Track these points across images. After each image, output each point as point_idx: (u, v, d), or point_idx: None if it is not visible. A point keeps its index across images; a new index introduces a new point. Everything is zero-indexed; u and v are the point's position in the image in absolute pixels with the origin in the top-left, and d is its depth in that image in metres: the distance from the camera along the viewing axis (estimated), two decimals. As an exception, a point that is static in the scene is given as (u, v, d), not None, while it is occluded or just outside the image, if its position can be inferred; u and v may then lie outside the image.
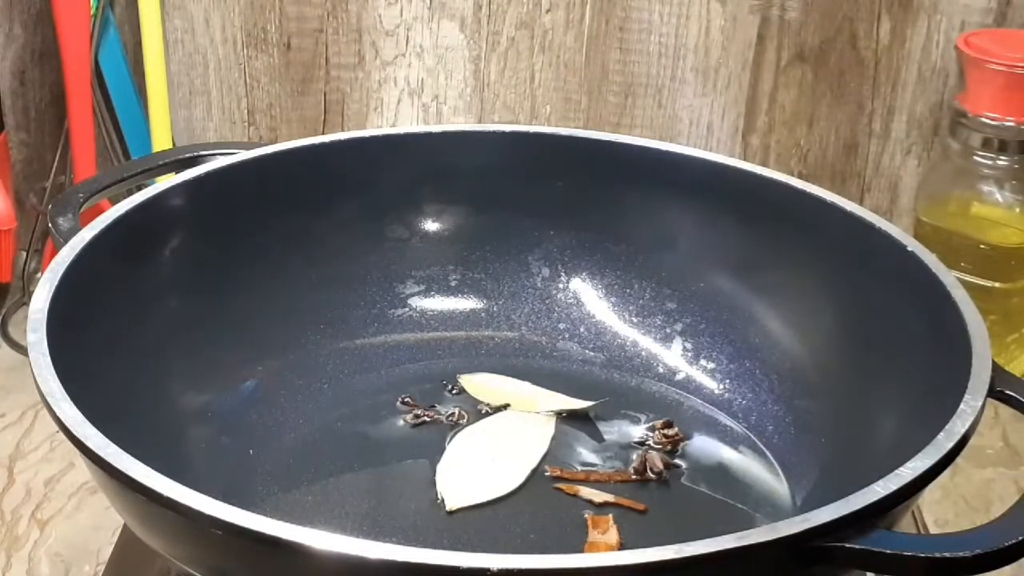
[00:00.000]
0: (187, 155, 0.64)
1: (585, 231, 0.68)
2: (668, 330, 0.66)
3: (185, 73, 0.91)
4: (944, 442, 0.42)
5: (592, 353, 0.66)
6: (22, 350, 0.78)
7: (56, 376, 0.44)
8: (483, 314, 0.68)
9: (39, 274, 0.83)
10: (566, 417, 0.61)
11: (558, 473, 0.57)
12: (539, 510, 0.55)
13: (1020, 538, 0.38)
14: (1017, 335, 0.78)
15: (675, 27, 0.86)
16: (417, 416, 0.61)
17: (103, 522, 0.63)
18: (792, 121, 0.88)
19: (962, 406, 0.44)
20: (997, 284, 0.77)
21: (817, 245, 0.60)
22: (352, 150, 0.66)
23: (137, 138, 0.89)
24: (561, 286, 0.68)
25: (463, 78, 0.89)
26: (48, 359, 0.45)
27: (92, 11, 0.83)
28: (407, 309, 0.68)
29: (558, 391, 0.63)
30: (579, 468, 0.58)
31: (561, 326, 0.67)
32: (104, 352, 0.51)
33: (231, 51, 0.90)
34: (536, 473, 0.57)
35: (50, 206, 0.60)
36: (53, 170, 0.87)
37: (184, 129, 0.93)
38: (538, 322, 0.68)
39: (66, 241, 0.53)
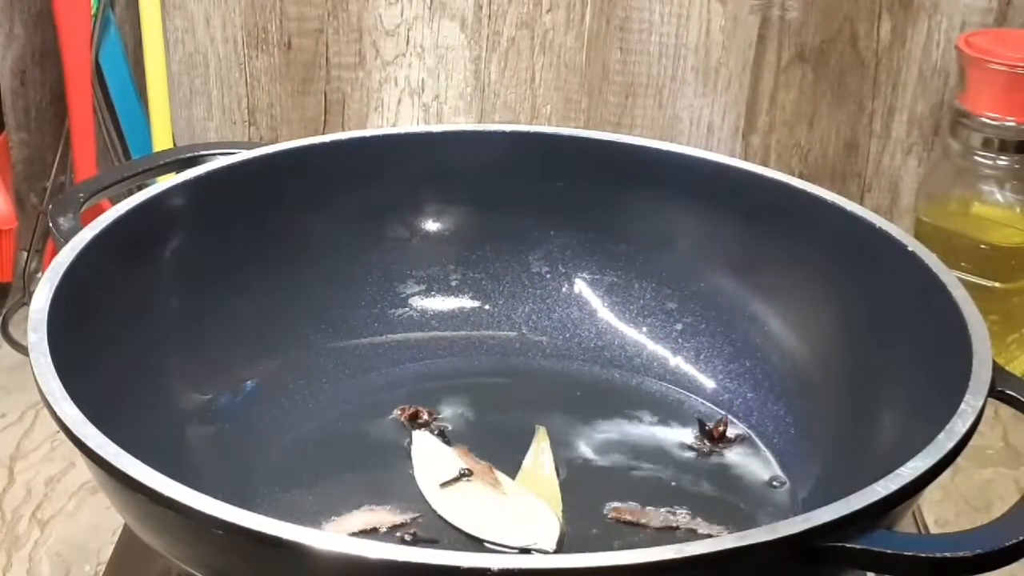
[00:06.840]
0: (187, 155, 0.64)
1: (585, 231, 0.68)
2: (668, 330, 0.66)
3: (185, 73, 0.91)
4: (944, 442, 0.42)
5: (592, 353, 0.66)
6: (23, 350, 0.78)
7: (56, 376, 0.44)
8: (483, 314, 0.68)
9: (40, 274, 0.83)
10: (561, 422, 0.61)
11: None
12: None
13: (1020, 538, 0.38)
14: (1017, 335, 0.78)
15: (675, 27, 0.86)
16: (417, 416, 0.61)
17: (103, 522, 0.63)
18: (792, 121, 0.88)
19: (962, 406, 0.44)
20: (997, 284, 0.77)
21: (817, 245, 0.60)
22: (352, 150, 0.66)
23: (137, 138, 0.89)
24: (561, 286, 0.68)
25: (463, 78, 0.89)
26: (48, 359, 0.45)
27: (92, 11, 0.83)
28: (407, 309, 0.68)
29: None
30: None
31: (561, 326, 0.67)
32: (104, 352, 0.51)
33: (231, 51, 0.90)
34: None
35: (50, 206, 0.60)
36: (53, 170, 0.87)
37: (184, 129, 0.93)
38: (538, 322, 0.68)
39: (67, 241, 0.53)
